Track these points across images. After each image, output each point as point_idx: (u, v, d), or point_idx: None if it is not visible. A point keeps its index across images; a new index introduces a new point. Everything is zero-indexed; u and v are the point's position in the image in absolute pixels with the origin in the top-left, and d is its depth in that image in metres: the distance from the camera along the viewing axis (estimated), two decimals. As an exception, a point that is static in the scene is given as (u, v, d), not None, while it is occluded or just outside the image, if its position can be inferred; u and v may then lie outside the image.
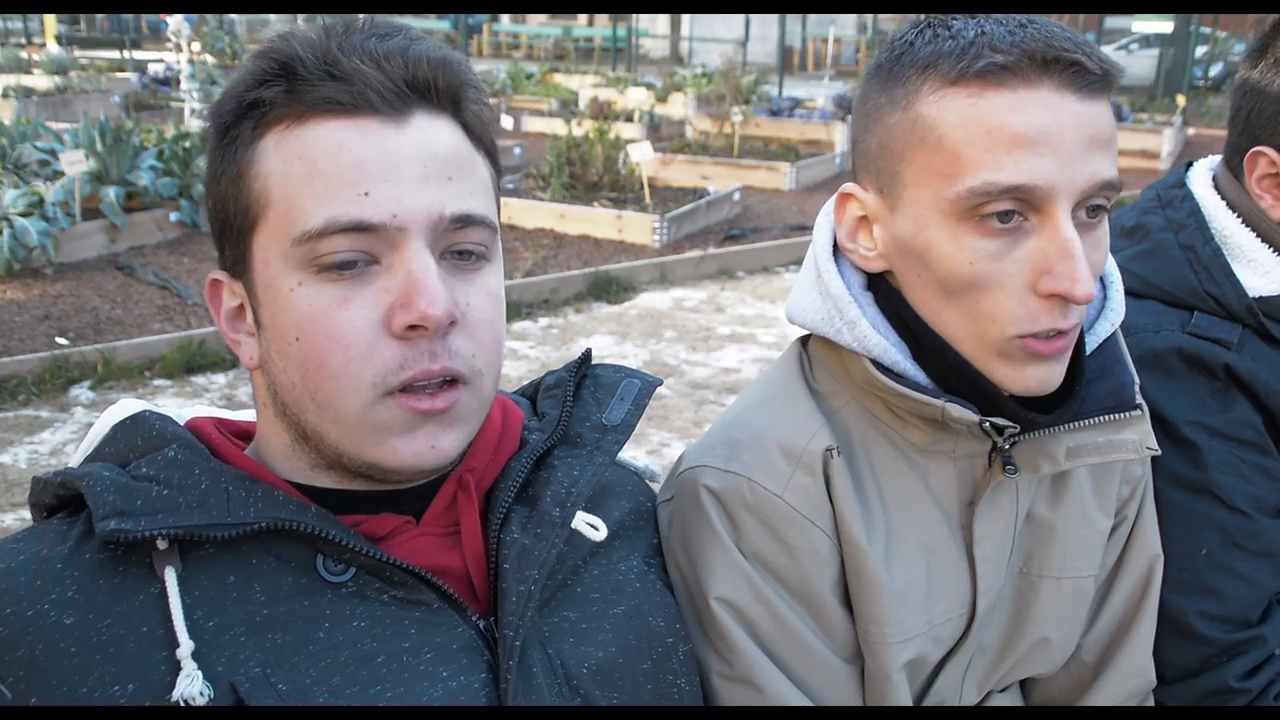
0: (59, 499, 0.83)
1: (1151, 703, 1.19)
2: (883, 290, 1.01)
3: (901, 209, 0.95)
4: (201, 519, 0.77)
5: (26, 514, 3.59)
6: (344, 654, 0.79)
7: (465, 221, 0.81)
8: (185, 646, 0.74)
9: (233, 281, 0.86)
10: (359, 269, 0.79)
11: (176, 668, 0.74)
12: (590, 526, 0.94)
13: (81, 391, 4.54)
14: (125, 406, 0.90)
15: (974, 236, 0.91)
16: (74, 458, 0.90)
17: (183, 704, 0.73)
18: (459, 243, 0.82)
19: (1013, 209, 0.89)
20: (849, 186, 1.01)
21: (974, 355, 0.95)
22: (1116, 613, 1.16)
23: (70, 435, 4.15)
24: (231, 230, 0.84)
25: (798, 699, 0.99)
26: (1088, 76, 0.89)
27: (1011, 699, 1.18)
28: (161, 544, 0.77)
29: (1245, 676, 1.20)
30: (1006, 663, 1.12)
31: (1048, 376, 0.95)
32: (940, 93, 0.91)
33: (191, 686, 0.73)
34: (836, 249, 1.04)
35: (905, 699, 1.02)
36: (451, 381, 0.81)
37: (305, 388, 0.81)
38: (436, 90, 0.82)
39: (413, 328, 0.78)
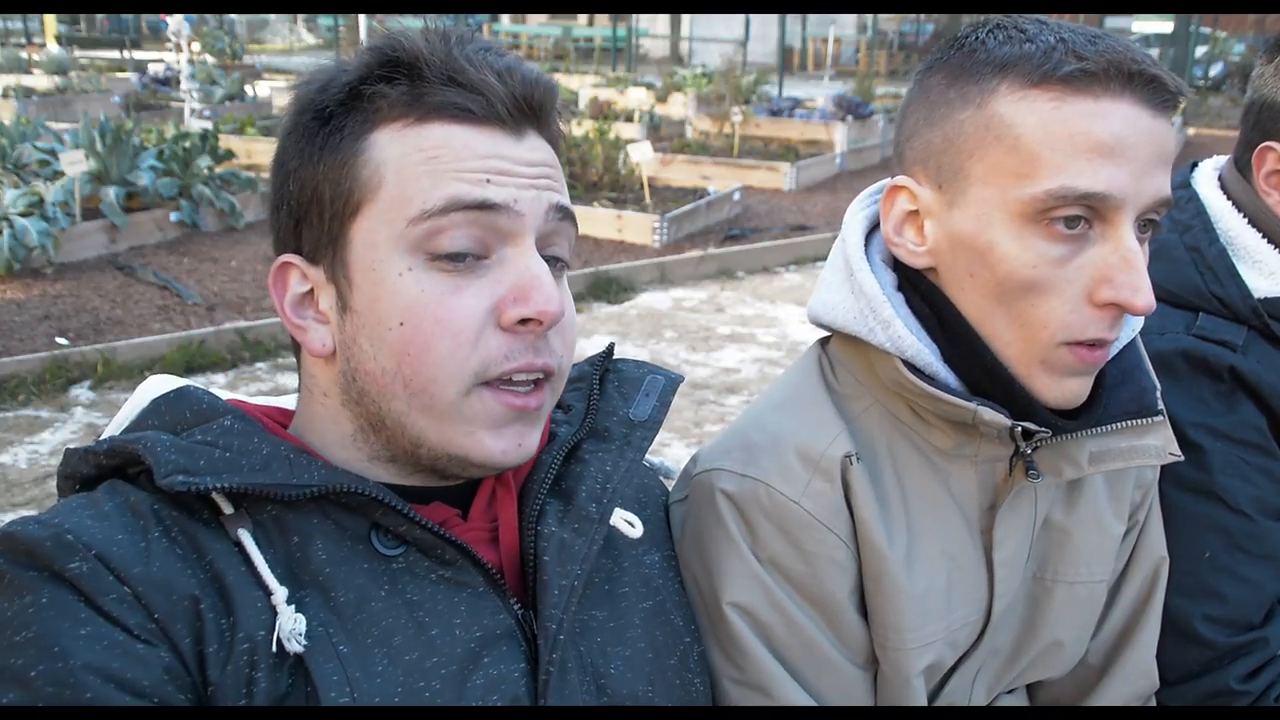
0: (100, 469, 0.82)
1: (1154, 704, 1.19)
2: (921, 289, 1.00)
3: (964, 206, 0.94)
4: (267, 479, 0.78)
5: (27, 514, 3.58)
6: (403, 617, 0.79)
7: (565, 213, 0.85)
8: (280, 593, 0.75)
9: (309, 266, 0.85)
10: (468, 262, 0.80)
11: (273, 612, 0.75)
12: (627, 524, 0.94)
13: (81, 391, 4.54)
14: (163, 381, 0.90)
15: (1040, 239, 0.90)
16: (107, 431, 0.89)
17: (286, 643, 0.73)
18: (554, 244, 0.86)
19: (1080, 215, 0.90)
20: (900, 179, 1.00)
21: (1015, 361, 0.95)
22: (1122, 615, 1.16)
23: (70, 435, 4.15)
24: (323, 214, 0.83)
25: (807, 705, 0.99)
26: (1164, 93, 0.90)
27: (1017, 698, 1.17)
28: (227, 508, 0.78)
29: (1247, 679, 1.20)
30: (1018, 666, 1.12)
31: (1080, 389, 0.96)
32: (1020, 93, 0.90)
33: (298, 625, 0.74)
34: (866, 247, 1.04)
35: (922, 703, 1.02)
36: (540, 381, 0.84)
37: (400, 374, 0.81)
38: (544, 111, 0.86)
39: (523, 322, 0.80)
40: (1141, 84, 0.89)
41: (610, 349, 1.04)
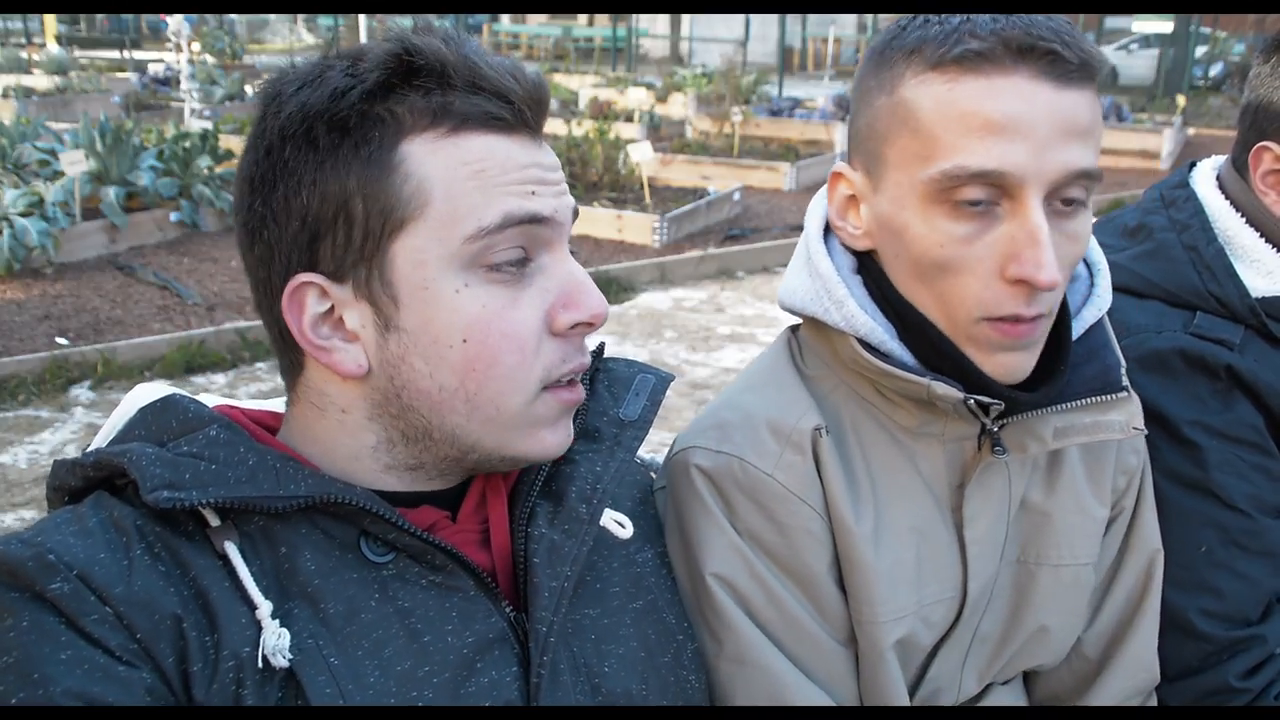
0: (87, 481, 0.81)
1: (1155, 700, 1.19)
2: (872, 272, 1.03)
3: (884, 190, 0.98)
4: (253, 491, 0.77)
5: (27, 514, 3.60)
6: (395, 627, 0.79)
7: (575, 215, 0.88)
8: (265, 608, 0.75)
9: (334, 285, 0.81)
10: (515, 273, 0.82)
11: (258, 627, 0.75)
12: (617, 524, 0.95)
13: (81, 391, 4.54)
14: (151, 390, 0.89)
15: (945, 219, 0.92)
16: (95, 442, 0.88)
17: (271, 658, 0.73)
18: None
19: (986, 193, 0.91)
20: (840, 166, 1.04)
21: (948, 336, 0.97)
22: (1118, 608, 1.16)
23: (70, 435, 4.16)
24: (352, 231, 0.79)
25: (788, 673, 1.00)
26: (1064, 66, 0.89)
27: (1014, 693, 1.18)
28: (214, 520, 0.77)
29: (1246, 675, 1.20)
30: (1006, 652, 1.12)
31: (1016, 364, 0.97)
32: (921, 77, 0.93)
33: (282, 640, 0.74)
34: (827, 234, 1.07)
35: (898, 678, 1.03)
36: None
37: (462, 389, 0.81)
38: (545, 109, 0.87)
39: (575, 325, 0.83)
40: (1036, 57, 0.89)
41: (600, 348, 1.04)
